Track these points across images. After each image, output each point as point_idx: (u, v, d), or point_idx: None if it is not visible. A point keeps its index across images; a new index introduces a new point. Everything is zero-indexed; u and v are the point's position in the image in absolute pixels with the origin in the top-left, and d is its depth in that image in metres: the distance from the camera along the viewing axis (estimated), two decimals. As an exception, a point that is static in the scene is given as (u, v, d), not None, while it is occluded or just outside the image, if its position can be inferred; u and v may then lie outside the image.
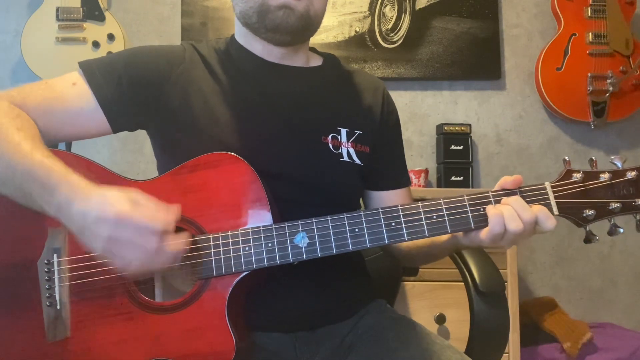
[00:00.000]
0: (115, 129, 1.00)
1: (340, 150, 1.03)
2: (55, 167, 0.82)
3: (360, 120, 1.07)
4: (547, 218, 0.83)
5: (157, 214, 0.78)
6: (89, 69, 0.98)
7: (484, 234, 0.85)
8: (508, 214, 0.83)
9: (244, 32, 1.06)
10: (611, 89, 2.25)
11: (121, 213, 0.76)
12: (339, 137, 1.03)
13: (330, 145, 1.02)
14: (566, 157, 0.89)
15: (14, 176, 0.83)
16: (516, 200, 0.84)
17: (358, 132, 1.05)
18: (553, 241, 2.37)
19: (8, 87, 0.96)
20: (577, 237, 2.37)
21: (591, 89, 2.27)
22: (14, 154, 0.83)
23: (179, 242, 0.80)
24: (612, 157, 0.88)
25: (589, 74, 2.27)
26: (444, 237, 0.94)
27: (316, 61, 1.13)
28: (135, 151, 2.38)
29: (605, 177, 0.86)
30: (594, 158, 0.88)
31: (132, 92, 0.98)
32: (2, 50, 2.40)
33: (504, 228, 0.82)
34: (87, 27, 2.26)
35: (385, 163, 1.11)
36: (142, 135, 1.07)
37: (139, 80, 0.99)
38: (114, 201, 0.78)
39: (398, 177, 1.14)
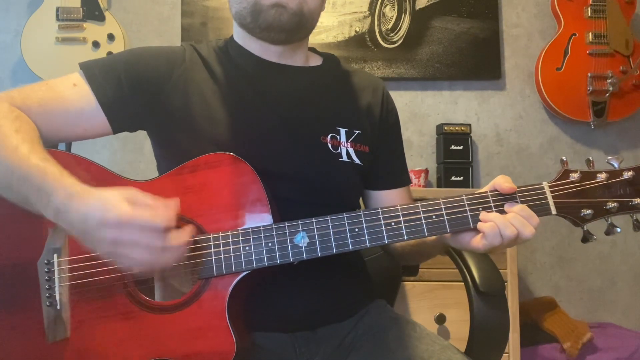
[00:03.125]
0: (116, 130, 1.00)
1: (339, 150, 1.03)
2: (50, 170, 0.81)
3: (360, 119, 1.07)
4: (531, 216, 0.84)
5: (157, 211, 0.78)
6: (89, 70, 0.98)
7: (479, 243, 0.86)
8: (500, 222, 0.84)
9: (242, 32, 1.06)
10: (611, 89, 2.25)
11: (122, 215, 0.76)
12: (338, 136, 1.03)
13: (330, 145, 1.02)
14: (563, 157, 0.90)
15: (12, 181, 0.83)
16: (497, 216, 0.85)
17: (357, 131, 1.05)
18: (553, 241, 2.37)
19: (8, 87, 0.96)
20: (577, 237, 2.36)
21: (591, 89, 2.27)
22: (12, 158, 0.83)
23: (182, 236, 0.80)
24: (609, 157, 0.88)
25: (589, 74, 2.27)
26: (432, 237, 0.95)
27: (316, 61, 1.13)
28: (135, 151, 2.38)
29: (602, 177, 0.87)
30: (591, 158, 0.89)
31: (133, 92, 0.98)
32: (2, 50, 2.40)
33: (501, 238, 0.84)
34: (87, 27, 2.27)
35: (384, 162, 1.11)
36: (142, 135, 1.07)
37: (139, 81, 0.99)
38: (114, 203, 0.77)
39: (398, 176, 1.14)
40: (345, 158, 1.03)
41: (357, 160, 1.04)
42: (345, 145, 1.03)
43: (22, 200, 0.84)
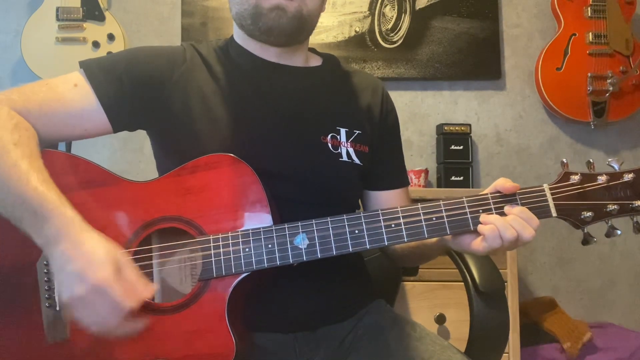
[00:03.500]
0: (116, 129, 1.00)
1: (339, 150, 1.03)
2: (50, 196, 0.80)
3: (360, 120, 1.07)
4: (531, 219, 0.84)
5: (135, 288, 0.79)
6: (90, 69, 0.98)
7: (479, 245, 0.86)
8: (500, 224, 0.83)
9: (242, 32, 1.06)
10: (611, 89, 2.25)
11: (101, 282, 0.76)
12: (338, 136, 1.03)
13: (330, 145, 1.02)
14: (564, 160, 0.90)
15: (7, 199, 0.82)
16: (497, 218, 0.85)
17: (357, 131, 1.05)
18: (553, 241, 2.37)
19: (8, 87, 0.95)
20: (577, 237, 2.36)
21: (591, 89, 2.27)
22: (9, 175, 0.82)
23: (137, 326, 0.81)
24: (610, 159, 0.88)
25: (589, 74, 2.27)
26: (432, 240, 0.95)
27: (315, 61, 1.13)
28: (135, 151, 2.38)
29: (602, 179, 0.87)
30: (591, 160, 0.88)
31: (133, 91, 0.98)
32: (2, 50, 2.40)
33: (501, 240, 0.83)
34: (87, 27, 2.26)
35: (384, 163, 1.11)
36: (142, 135, 1.07)
37: (140, 80, 0.98)
38: (101, 262, 0.77)
39: (397, 177, 1.14)
40: (345, 158, 1.03)
41: (357, 161, 1.04)
42: (346, 145, 1.03)
43: (14, 219, 0.83)
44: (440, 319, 1.87)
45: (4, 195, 0.82)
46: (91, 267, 0.76)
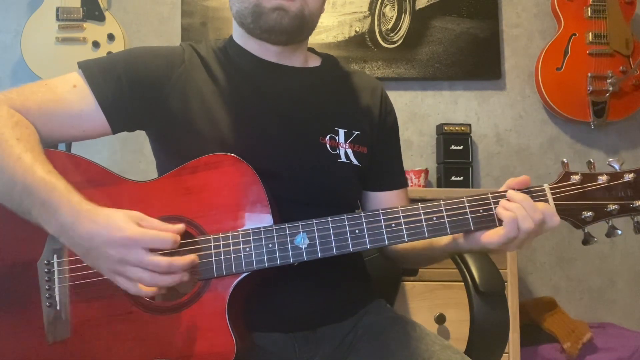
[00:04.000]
0: (115, 130, 1.00)
1: (338, 151, 1.03)
2: (57, 185, 0.81)
3: (359, 120, 1.07)
4: (553, 215, 0.84)
5: (164, 233, 0.80)
6: (88, 69, 0.98)
7: (494, 237, 0.85)
8: (521, 214, 0.83)
9: (241, 32, 1.06)
10: (611, 89, 2.25)
11: (130, 234, 0.78)
12: (336, 137, 1.03)
13: (328, 145, 1.02)
14: (564, 160, 0.89)
15: (14, 191, 0.83)
16: (524, 198, 0.85)
17: (356, 132, 1.05)
18: (553, 241, 2.37)
19: (8, 87, 0.95)
20: (577, 237, 2.36)
21: (591, 89, 2.27)
22: (14, 168, 0.83)
23: (186, 260, 0.81)
24: (610, 159, 0.88)
25: (589, 74, 2.27)
26: (444, 241, 0.94)
27: (314, 62, 1.13)
28: (135, 151, 2.38)
29: (603, 179, 0.87)
30: (592, 160, 0.88)
31: (132, 92, 0.98)
32: (2, 50, 2.40)
33: (518, 231, 0.83)
34: (87, 27, 2.26)
35: (382, 164, 1.11)
36: (142, 135, 1.07)
37: (139, 81, 0.98)
38: (122, 223, 0.79)
39: (395, 179, 1.14)
40: (343, 159, 1.03)
41: (355, 162, 1.04)
42: (344, 146, 1.03)
43: (22, 211, 0.84)
44: (440, 319, 1.87)
45: (11, 187, 0.83)
46: (114, 229, 0.78)
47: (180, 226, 0.83)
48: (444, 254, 1.00)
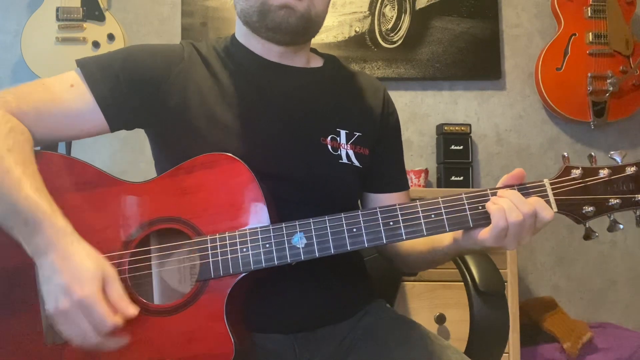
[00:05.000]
0: (113, 128, 0.99)
1: (339, 152, 1.02)
2: (41, 205, 0.80)
3: (360, 122, 1.07)
4: (544, 208, 0.83)
5: (120, 306, 0.79)
6: (86, 67, 0.98)
7: (487, 232, 0.84)
8: (508, 206, 0.82)
9: (245, 30, 1.06)
10: (611, 89, 2.25)
11: (86, 297, 0.77)
12: (338, 138, 1.03)
13: (329, 146, 1.02)
14: (565, 153, 0.88)
15: None
16: (513, 193, 0.84)
17: (357, 134, 1.05)
18: (553, 241, 2.37)
19: (8, 87, 0.95)
20: (577, 237, 2.36)
21: (591, 89, 2.27)
22: (1, 183, 0.81)
23: (115, 344, 0.81)
24: (612, 152, 0.87)
25: (589, 74, 2.27)
26: (445, 242, 0.94)
27: (317, 62, 1.12)
28: (135, 151, 2.38)
29: (604, 173, 0.86)
30: (593, 154, 0.88)
31: (130, 90, 0.98)
32: (2, 50, 2.40)
33: (506, 222, 0.82)
34: (87, 27, 2.26)
35: (383, 166, 1.11)
36: (142, 136, 1.07)
37: (137, 79, 0.98)
38: (88, 277, 0.78)
39: (396, 181, 1.13)
40: (344, 160, 1.03)
41: (356, 163, 1.04)
42: (345, 147, 1.03)
43: (6, 228, 0.83)
44: (440, 319, 1.87)
45: None
46: (78, 282, 0.77)
47: (134, 312, 0.81)
48: (445, 257, 0.99)
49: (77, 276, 0.77)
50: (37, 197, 0.80)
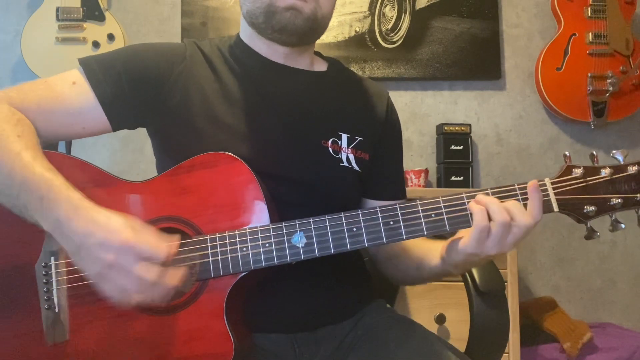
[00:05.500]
0: (115, 127, 1.00)
1: (340, 155, 1.02)
2: (56, 181, 0.80)
3: (362, 127, 1.06)
4: (521, 213, 0.82)
5: (159, 244, 0.77)
6: (88, 66, 0.98)
7: (468, 235, 0.84)
8: (491, 207, 0.82)
9: (250, 31, 1.06)
10: (611, 89, 2.25)
11: (125, 240, 0.75)
12: (339, 142, 1.03)
13: (330, 149, 1.02)
14: (566, 153, 0.88)
15: (12, 186, 0.82)
16: (490, 199, 0.83)
17: (359, 138, 1.05)
18: (553, 241, 2.37)
19: (8, 87, 0.95)
20: (577, 237, 2.37)
21: (591, 89, 2.27)
22: (14, 163, 0.82)
23: (174, 277, 0.78)
24: (614, 151, 0.86)
25: (589, 74, 2.27)
26: (433, 262, 0.94)
27: (321, 66, 1.12)
28: (136, 151, 2.38)
29: (606, 172, 0.85)
30: (594, 153, 0.87)
31: (132, 89, 0.98)
32: (2, 50, 2.40)
33: (486, 220, 0.81)
34: (87, 27, 2.26)
35: (383, 172, 1.10)
36: (142, 135, 1.07)
37: (138, 78, 0.98)
38: (119, 227, 0.76)
39: (394, 188, 1.13)
40: (345, 163, 1.03)
41: (356, 167, 1.04)
42: (346, 151, 1.03)
43: (18, 207, 0.83)
44: (440, 319, 1.87)
45: (9, 183, 0.82)
46: (113, 233, 0.76)
47: (176, 240, 0.81)
48: (433, 276, 0.99)
49: (110, 229, 0.76)
50: (50, 174, 0.81)
